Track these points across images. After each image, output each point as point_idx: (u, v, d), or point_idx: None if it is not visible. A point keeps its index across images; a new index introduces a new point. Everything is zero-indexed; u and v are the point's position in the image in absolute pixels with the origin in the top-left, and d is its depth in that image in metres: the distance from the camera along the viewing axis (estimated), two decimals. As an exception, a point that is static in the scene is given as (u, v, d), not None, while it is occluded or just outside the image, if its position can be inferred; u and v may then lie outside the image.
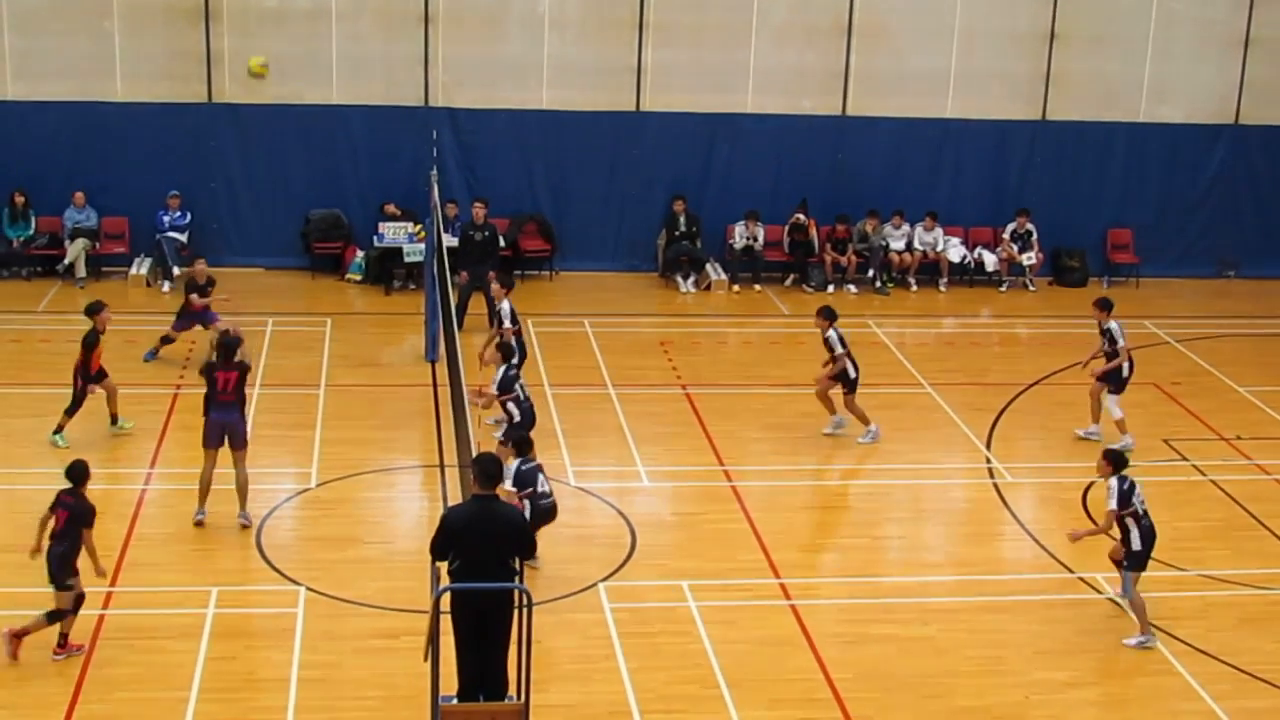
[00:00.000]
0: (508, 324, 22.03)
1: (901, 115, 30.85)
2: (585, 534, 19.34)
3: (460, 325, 25.03)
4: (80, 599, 15.93)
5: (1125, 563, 16.92)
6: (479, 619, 13.61)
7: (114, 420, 21.67)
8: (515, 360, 21.04)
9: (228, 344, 19.08)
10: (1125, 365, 22.19)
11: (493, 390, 20.10)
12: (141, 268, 28.86)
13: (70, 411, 21.20)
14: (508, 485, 17.07)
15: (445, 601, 13.36)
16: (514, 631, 13.61)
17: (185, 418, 21.96)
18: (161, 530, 18.88)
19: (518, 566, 13.75)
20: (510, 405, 20.02)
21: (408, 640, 16.02)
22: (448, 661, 13.71)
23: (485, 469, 13.65)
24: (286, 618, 16.66)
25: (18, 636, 15.68)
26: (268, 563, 17.92)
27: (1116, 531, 17.01)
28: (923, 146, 31.09)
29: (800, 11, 30.73)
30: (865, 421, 22.18)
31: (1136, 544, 16.84)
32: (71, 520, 15.79)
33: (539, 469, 17.67)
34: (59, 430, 21.17)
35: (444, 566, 13.69)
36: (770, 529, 19.34)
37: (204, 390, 18.93)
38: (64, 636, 15.87)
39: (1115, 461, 17.08)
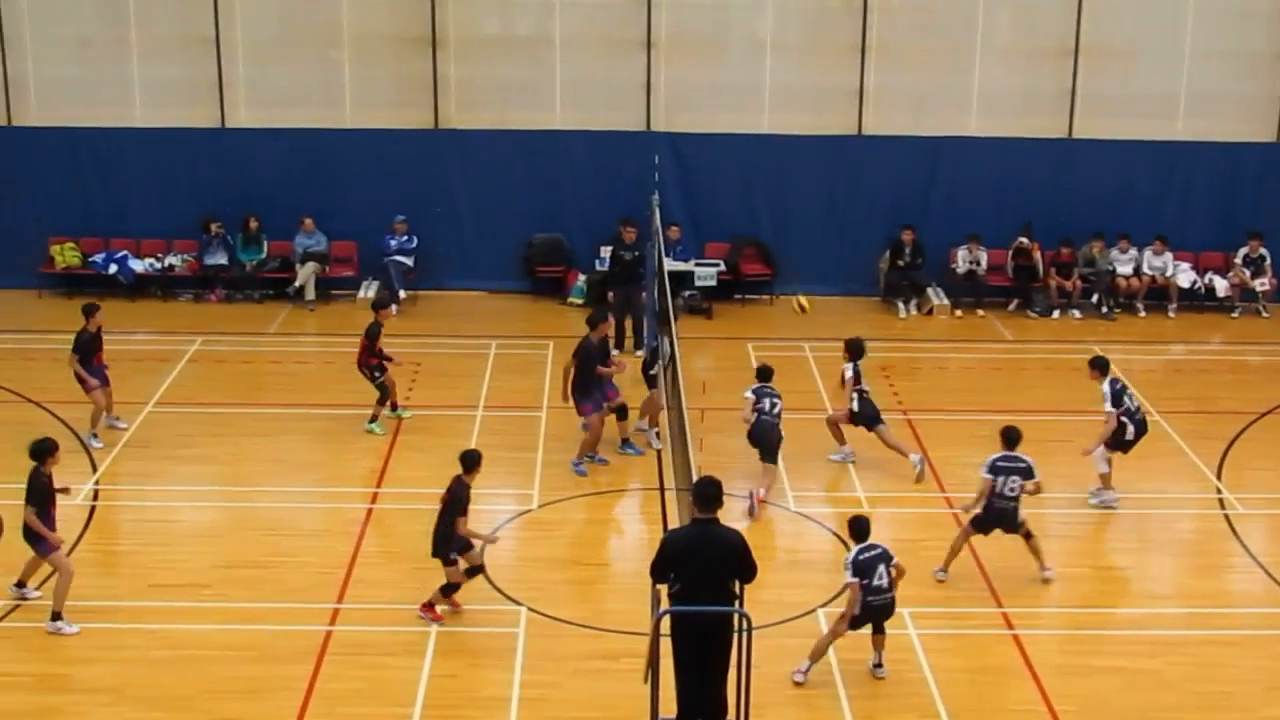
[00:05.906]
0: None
1: (1129, 137, 30.29)
2: (803, 559, 19.29)
3: (620, 345, 26.06)
4: (474, 571, 17.29)
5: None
6: (699, 642, 13.61)
7: (394, 407, 23.10)
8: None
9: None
10: (1130, 428, 20.38)
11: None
12: (369, 291, 29.39)
13: (382, 400, 22.69)
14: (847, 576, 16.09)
15: (665, 624, 13.39)
16: (733, 655, 13.58)
17: (409, 438, 22.39)
18: (385, 548, 19.22)
19: (738, 590, 13.72)
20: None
21: (627, 662, 16.08)
22: (667, 684, 13.74)
23: (705, 492, 13.65)
24: (507, 637, 16.84)
25: (428, 606, 17.11)
26: (489, 582, 18.08)
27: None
28: (1150, 169, 30.48)
29: (1025, 33, 30.41)
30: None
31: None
32: (445, 502, 16.81)
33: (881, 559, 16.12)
34: (374, 419, 22.68)
35: (664, 589, 13.72)
36: (990, 555, 19.04)
37: None
38: (432, 604, 17.11)
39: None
